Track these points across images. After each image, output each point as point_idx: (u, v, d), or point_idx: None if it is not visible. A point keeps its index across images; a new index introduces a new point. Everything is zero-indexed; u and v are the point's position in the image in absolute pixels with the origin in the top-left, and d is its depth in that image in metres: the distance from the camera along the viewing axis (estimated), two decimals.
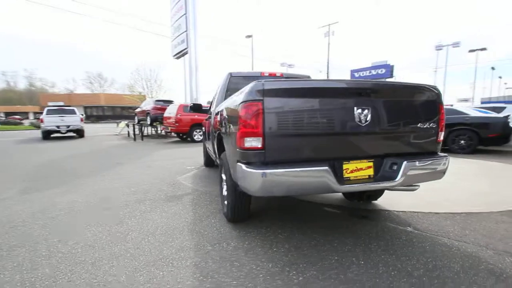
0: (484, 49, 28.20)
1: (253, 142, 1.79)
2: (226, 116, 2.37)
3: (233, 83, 3.70)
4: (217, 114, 3.17)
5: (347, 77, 27.28)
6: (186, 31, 16.57)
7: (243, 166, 1.82)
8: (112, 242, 2.28)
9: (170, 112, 11.67)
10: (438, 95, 2.18)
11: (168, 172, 5.14)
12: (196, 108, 5.11)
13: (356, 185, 1.95)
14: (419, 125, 2.10)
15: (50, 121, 12.70)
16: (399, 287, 1.61)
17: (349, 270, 1.80)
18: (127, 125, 14.82)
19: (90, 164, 6.22)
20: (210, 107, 5.11)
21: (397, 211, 2.87)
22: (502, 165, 5.49)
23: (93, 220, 2.78)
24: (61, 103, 14.43)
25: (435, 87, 2.19)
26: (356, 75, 27.17)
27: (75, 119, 13.30)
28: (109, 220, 2.76)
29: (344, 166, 1.95)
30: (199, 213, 2.94)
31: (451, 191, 3.54)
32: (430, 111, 2.15)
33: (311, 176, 1.81)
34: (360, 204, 3.09)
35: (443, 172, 2.16)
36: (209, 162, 5.69)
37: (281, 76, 3.91)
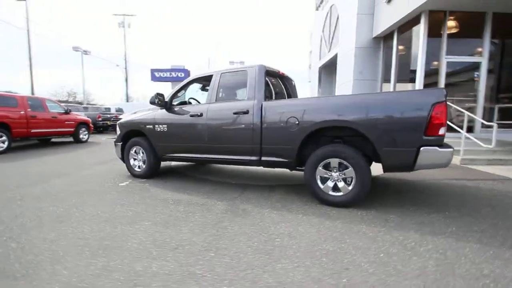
0: None
1: (442, 131, 2.44)
2: (393, 110, 2.58)
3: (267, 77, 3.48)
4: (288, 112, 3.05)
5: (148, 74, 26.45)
6: None
7: (438, 148, 2.41)
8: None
9: None
10: None
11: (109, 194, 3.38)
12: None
13: None
14: None
15: None
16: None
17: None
18: None
19: None
20: (168, 103, 3.94)
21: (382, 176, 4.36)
22: None
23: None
24: None
25: None
26: (157, 75, 26.95)
27: None
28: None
29: None
30: (298, 216, 2.70)
31: None
32: None
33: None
34: None
35: None
36: (153, 171, 4.29)
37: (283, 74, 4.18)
